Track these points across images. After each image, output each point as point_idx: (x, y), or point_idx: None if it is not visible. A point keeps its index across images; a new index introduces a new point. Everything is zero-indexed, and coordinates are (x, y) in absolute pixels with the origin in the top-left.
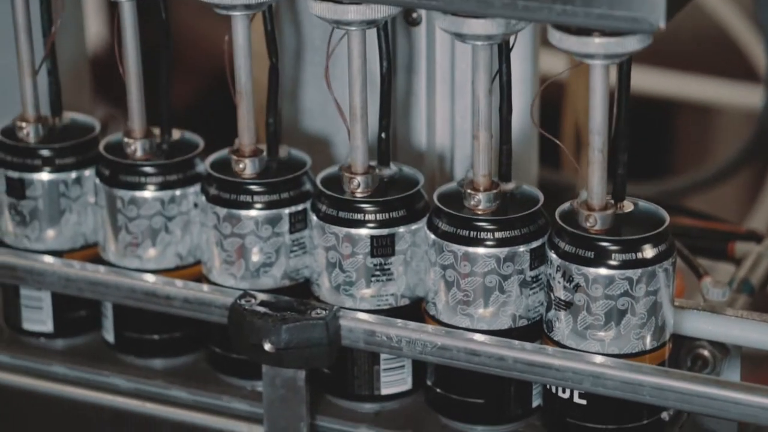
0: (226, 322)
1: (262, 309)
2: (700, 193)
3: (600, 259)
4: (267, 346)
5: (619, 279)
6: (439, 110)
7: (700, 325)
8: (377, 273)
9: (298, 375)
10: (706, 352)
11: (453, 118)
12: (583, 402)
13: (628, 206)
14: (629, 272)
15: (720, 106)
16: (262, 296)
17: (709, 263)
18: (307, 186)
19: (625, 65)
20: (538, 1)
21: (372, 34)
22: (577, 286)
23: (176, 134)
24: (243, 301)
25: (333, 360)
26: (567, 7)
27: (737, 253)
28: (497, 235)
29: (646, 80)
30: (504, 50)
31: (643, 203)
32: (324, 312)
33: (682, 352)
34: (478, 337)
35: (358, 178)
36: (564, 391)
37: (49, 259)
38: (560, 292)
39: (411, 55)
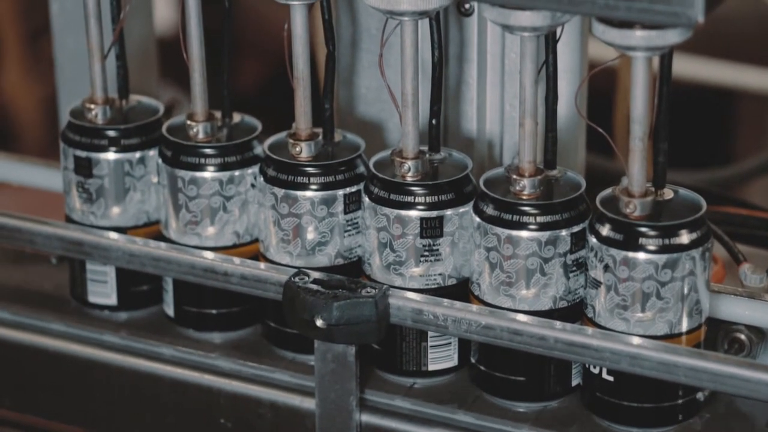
0: (281, 298)
1: (314, 287)
2: (759, 180)
3: (628, 242)
4: (319, 322)
5: (644, 263)
6: (490, 98)
7: (736, 310)
8: (426, 253)
9: (349, 350)
10: (742, 336)
11: (503, 105)
12: (619, 382)
13: (668, 194)
14: (655, 257)
15: None
16: (315, 274)
17: (755, 251)
18: (361, 168)
19: (666, 57)
20: None
21: (425, 24)
22: (606, 267)
23: (236, 117)
24: (297, 279)
25: (382, 336)
26: (609, 1)
27: None
28: (539, 219)
29: (710, 70)
30: (551, 41)
31: (682, 191)
32: (374, 291)
33: (719, 335)
34: (520, 317)
35: (409, 163)
36: (594, 368)
37: (114, 235)
38: (594, 273)
39: (463, 45)
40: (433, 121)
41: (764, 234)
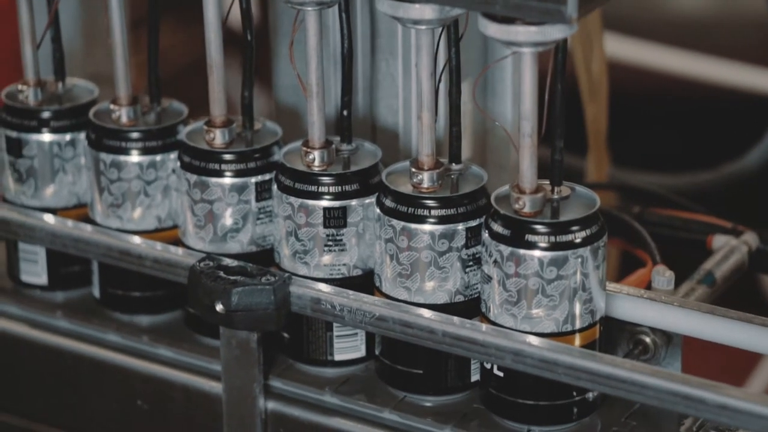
0: None
1: (217, 272)
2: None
3: (516, 238)
4: (218, 308)
5: (529, 260)
6: (415, 91)
7: (636, 311)
8: (330, 243)
9: (251, 337)
10: (647, 339)
11: None
12: (508, 378)
13: (565, 191)
14: (540, 254)
15: None
16: (221, 260)
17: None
18: (276, 157)
19: (560, 53)
20: None
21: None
22: (495, 262)
23: (165, 103)
24: (202, 264)
25: (281, 324)
26: None
27: (715, 246)
28: (434, 212)
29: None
30: (453, 35)
31: (580, 188)
32: (273, 278)
33: (624, 337)
34: (412, 309)
35: (315, 153)
36: (487, 364)
37: (39, 215)
38: (486, 268)
39: (390, 38)
40: (344, 112)
41: (702, 238)
